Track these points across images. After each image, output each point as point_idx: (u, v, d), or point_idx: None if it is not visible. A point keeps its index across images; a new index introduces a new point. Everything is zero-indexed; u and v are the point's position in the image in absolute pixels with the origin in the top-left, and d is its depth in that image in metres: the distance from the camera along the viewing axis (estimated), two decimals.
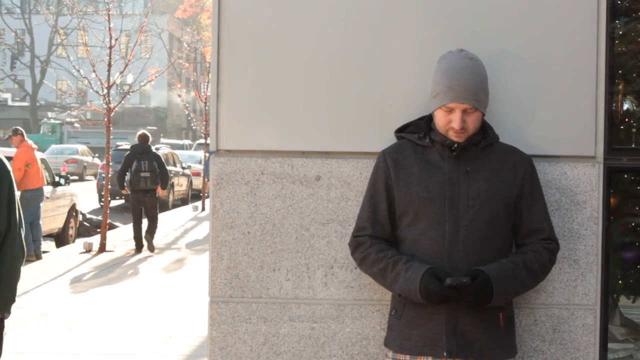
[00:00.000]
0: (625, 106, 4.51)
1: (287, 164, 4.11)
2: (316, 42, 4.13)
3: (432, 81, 3.72)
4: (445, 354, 3.57)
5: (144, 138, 17.28)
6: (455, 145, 3.64)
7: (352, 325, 4.07)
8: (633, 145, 4.46)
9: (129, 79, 27.15)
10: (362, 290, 4.07)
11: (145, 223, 17.26)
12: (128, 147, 21.07)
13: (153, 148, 17.81)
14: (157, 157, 17.01)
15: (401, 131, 3.88)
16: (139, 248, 17.09)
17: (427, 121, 3.79)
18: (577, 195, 4.05)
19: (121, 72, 18.38)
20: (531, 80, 4.08)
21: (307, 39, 4.13)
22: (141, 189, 16.69)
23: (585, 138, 4.08)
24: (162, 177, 17.00)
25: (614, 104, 4.36)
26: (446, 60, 3.69)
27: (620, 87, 4.46)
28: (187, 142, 57.28)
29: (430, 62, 3.93)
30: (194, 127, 37.89)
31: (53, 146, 46.58)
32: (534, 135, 4.06)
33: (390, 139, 4.02)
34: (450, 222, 3.60)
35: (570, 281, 4.05)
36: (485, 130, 3.74)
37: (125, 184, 17.11)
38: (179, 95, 33.27)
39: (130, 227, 18.72)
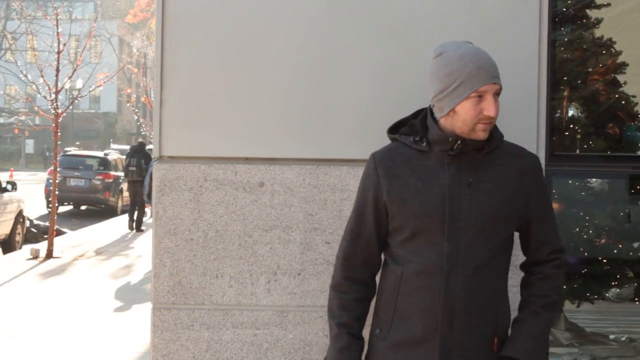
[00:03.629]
0: (570, 113, 4.56)
1: (231, 170, 4.10)
2: (261, 48, 4.13)
3: (440, 77, 3.15)
4: None
5: (139, 142, 23.06)
6: (458, 143, 3.13)
7: (295, 332, 4.08)
8: (578, 152, 4.51)
9: (79, 84, 26.97)
10: (305, 296, 4.07)
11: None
12: (77, 152, 25.35)
13: (147, 148, 22.73)
14: (147, 156, 21.71)
15: (394, 131, 3.38)
16: (130, 227, 21.93)
17: (421, 120, 3.29)
18: None
19: (69, 77, 18.21)
20: None
21: (252, 45, 4.13)
22: (131, 179, 22.08)
23: (526, 145, 4.10)
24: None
25: (558, 111, 4.41)
26: (454, 48, 3.17)
27: (565, 93, 4.51)
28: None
29: (377, 70, 3.98)
30: (143, 133, 37.69)
31: None
32: None
33: (334, 147, 4.05)
34: (449, 242, 3.14)
35: (512, 287, 4.08)
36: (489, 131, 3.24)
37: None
38: (128, 101, 33.08)
39: (77, 233, 20.47)
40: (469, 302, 3.13)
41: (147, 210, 21.64)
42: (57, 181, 17.71)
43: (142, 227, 22.08)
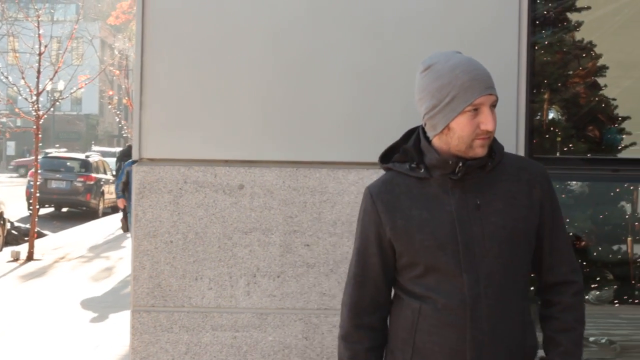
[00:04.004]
0: (551, 115, 4.57)
1: (210, 173, 4.09)
2: (241, 50, 4.12)
3: (430, 92, 2.92)
4: None
5: (128, 145, 21.81)
6: (460, 166, 2.90)
7: (274, 334, 4.07)
8: (558, 154, 4.52)
9: (60, 85, 26.87)
10: (284, 298, 4.07)
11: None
12: (59, 154, 24.52)
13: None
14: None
15: (385, 159, 3.13)
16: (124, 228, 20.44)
17: (415, 144, 3.04)
18: None
19: (51, 79, 18.15)
20: None
21: (232, 48, 4.12)
22: (122, 181, 21.79)
23: (507, 147, 4.10)
24: None
25: (539, 114, 4.42)
26: (444, 60, 2.93)
27: (546, 96, 4.52)
28: (119, 149, 56.84)
29: (359, 73, 4.00)
30: (125, 135, 37.62)
31: None
32: None
33: (314, 149, 4.05)
34: (467, 273, 2.87)
35: None
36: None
37: None
38: (110, 103, 33.02)
39: (58, 235, 20.39)
40: (497, 333, 2.89)
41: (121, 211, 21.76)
42: (38, 183, 17.65)
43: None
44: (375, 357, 3.08)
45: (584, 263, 4.87)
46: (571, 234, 4.71)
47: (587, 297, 4.93)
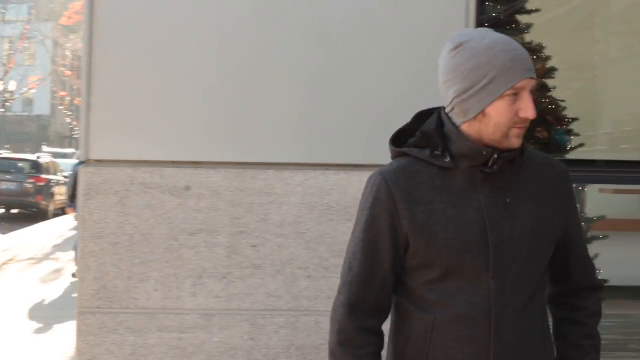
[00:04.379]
0: None
1: (157, 174, 4.09)
2: (188, 52, 4.13)
3: (462, 72, 2.53)
4: None
5: None
6: (495, 157, 2.53)
7: (220, 335, 4.07)
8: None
9: (11, 86, 26.69)
10: (230, 300, 4.07)
11: None
12: (9, 155, 23.99)
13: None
14: None
15: (398, 143, 2.71)
16: None
17: (437, 128, 2.62)
18: None
19: (1, 80, 18.03)
20: (400, 91, 4.14)
21: (180, 49, 4.12)
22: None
23: None
24: None
25: None
26: (478, 37, 2.54)
27: None
28: (70, 150, 56.42)
29: (307, 75, 4.03)
30: (76, 136, 37.40)
31: None
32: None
33: (261, 150, 4.06)
34: (495, 279, 2.53)
35: None
36: None
37: None
38: (62, 104, 32.81)
39: (7, 236, 20.22)
40: (521, 348, 2.58)
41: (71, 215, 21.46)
42: None
43: None
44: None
45: None
46: None
47: None
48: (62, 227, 24.40)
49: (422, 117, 2.71)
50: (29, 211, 27.45)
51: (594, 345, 2.78)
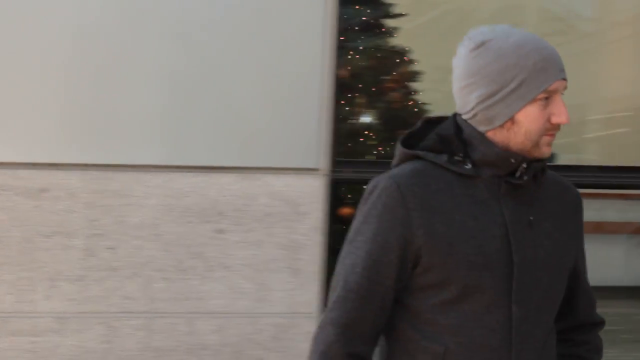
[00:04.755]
0: (363, 119, 4.62)
1: (12, 176, 4.03)
2: (46, 51, 4.06)
3: (487, 75, 2.21)
4: None
5: None
6: (524, 166, 2.25)
7: (74, 338, 4.03)
8: (366, 157, 4.57)
9: None
10: (85, 302, 4.03)
11: None
12: None
13: None
14: None
15: (410, 144, 2.35)
16: None
17: (456, 133, 2.31)
18: (300, 206, 4.13)
19: None
20: (260, 93, 4.14)
21: (35, 47, 4.06)
22: None
23: (309, 151, 4.16)
24: None
25: (352, 118, 4.46)
26: (503, 35, 2.24)
27: (361, 101, 4.57)
28: None
29: (167, 73, 4.03)
30: None
31: None
32: (263, 148, 4.12)
33: (120, 152, 4.04)
34: (518, 304, 2.21)
35: (293, 290, 4.13)
36: None
37: None
38: None
39: None
40: None
41: None
42: None
43: None
44: None
45: None
46: None
47: None
48: None
49: (430, 123, 2.42)
50: None
51: None
